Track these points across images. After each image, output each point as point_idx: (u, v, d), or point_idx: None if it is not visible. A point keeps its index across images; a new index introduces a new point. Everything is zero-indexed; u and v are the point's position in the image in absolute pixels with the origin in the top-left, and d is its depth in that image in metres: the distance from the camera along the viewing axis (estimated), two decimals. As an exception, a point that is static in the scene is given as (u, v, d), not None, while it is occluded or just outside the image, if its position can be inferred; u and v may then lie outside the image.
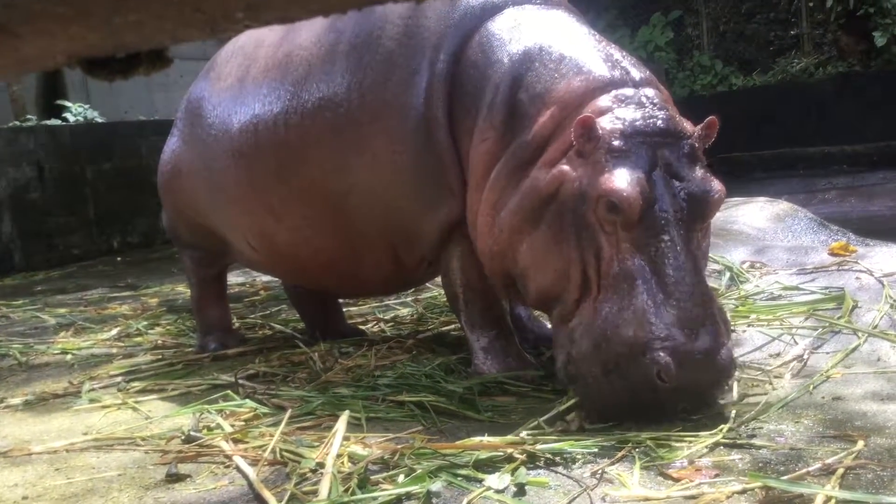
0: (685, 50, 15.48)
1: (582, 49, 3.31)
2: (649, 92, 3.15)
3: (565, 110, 3.15)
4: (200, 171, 4.34)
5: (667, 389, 2.78)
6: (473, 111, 3.39)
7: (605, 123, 3.00)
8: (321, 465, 2.68)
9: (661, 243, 2.90)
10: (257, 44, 4.18)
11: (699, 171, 3.03)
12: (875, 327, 3.69)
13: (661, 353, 2.76)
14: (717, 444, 2.67)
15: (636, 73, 3.23)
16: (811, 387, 3.14)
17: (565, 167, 3.05)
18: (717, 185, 3.04)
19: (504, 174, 3.24)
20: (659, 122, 3.03)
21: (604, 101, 3.10)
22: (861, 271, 4.47)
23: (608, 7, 14.93)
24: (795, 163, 12.40)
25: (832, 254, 4.95)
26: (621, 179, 2.89)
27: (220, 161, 4.17)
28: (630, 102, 3.08)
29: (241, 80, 4.16)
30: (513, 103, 3.28)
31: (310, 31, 3.92)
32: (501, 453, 2.64)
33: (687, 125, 3.10)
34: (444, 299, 5.06)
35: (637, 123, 3.01)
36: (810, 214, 5.63)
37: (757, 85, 14.00)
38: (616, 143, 2.97)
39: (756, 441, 2.67)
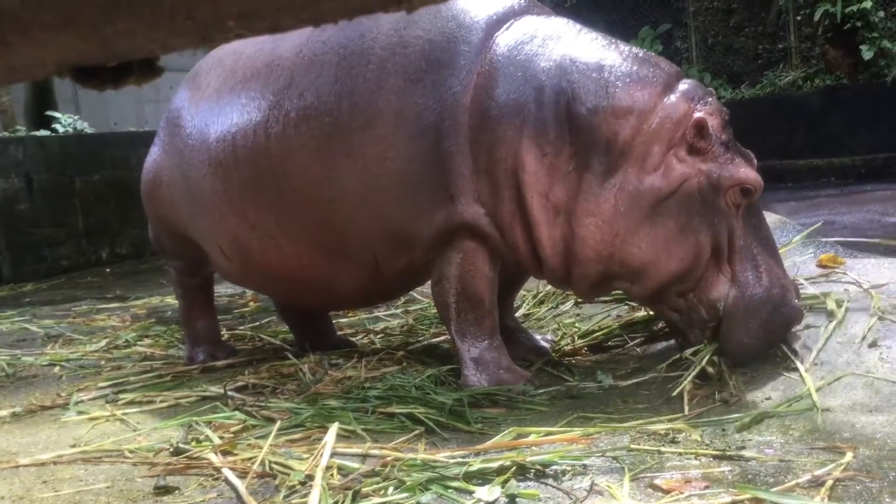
0: (674, 63, 15.56)
1: (609, 54, 3.56)
2: (694, 83, 3.56)
3: (641, 117, 3.41)
4: (178, 180, 4.35)
5: (796, 323, 3.49)
6: (517, 122, 3.50)
7: (709, 120, 3.39)
8: (310, 477, 2.67)
9: (756, 214, 3.50)
10: (236, 55, 4.19)
11: (741, 148, 3.51)
12: (863, 339, 3.70)
13: (793, 300, 3.43)
14: (706, 456, 2.68)
15: (672, 69, 3.60)
16: (800, 398, 3.15)
17: (681, 166, 3.38)
18: (750, 153, 3.53)
19: (596, 183, 3.44)
20: (724, 109, 3.49)
21: (676, 101, 3.43)
22: (849, 283, 4.48)
23: (596, 20, 14.98)
24: (784, 175, 12.45)
25: (820, 265, 4.96)
26: (747, 168, 3.41)
27: (197, 170, 4.17)
28: (699, 98, 3.46)
29: (218, 90, 4.17)
30: (566, 116, 3.46)
31: (290, 42, 3.94)
32: (492, 466, 2.64)
33: None
34: (434, 311, 5.05)
35: (722, 115, 3.45)
36: (799, 226, 5.64)
37: (745, 98, 14.06)
38: (724, 136, 3.42)
39: (745, 452, 2.68)
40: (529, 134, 3.48)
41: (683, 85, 3.50)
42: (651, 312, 4.03)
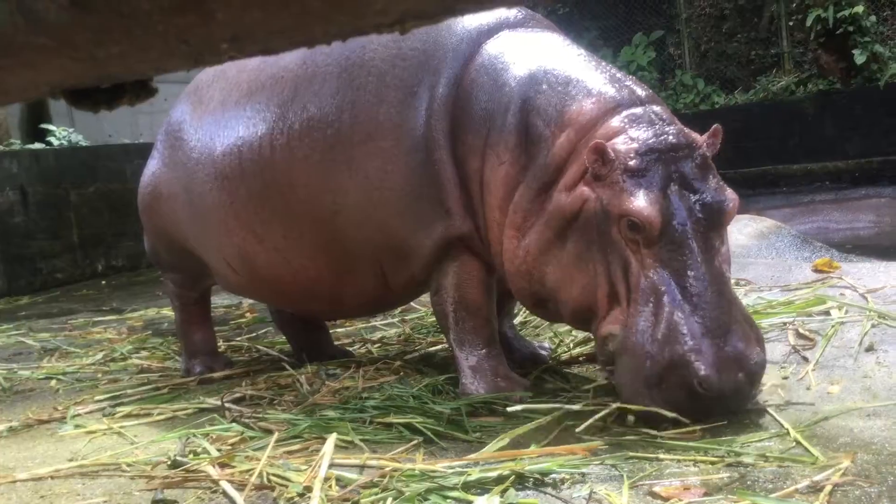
0: (667, 69, 15.59)
1: (585, 71, 3.44)
2: (657, 109, 3.29)
3: (580, 132, 3.26)
4: (180, 193, 4.34)
5: (709, 396, 2.90)
6: (484, 131, 3.47)
7: (620, 145, 3.13)
8: (308, 488, 2.66)
9: (682, 256, 3.03)
10: (240, 68, 4.20)
11: (712, 182, 3.17)
12: (860, 343, 3.71)
13: (699, 365, 2.88)
14: (705, 462, 2.68)
15: (640, 91, 3.37)
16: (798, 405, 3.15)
17: (585, 189, 3.18)
18: (730, 194, 3.17)
19: (527, 197, 3.34)
20: (670, 137, 3.14)
21: (616, 121, 3.22)
22: (845, 287, 4.49)
23: (589, 27, 15.05)
24: (778, 180, 12.48)
25: (816, 270, 4.97)
26: (640, 199, 3.03)
27: (202, 184, 4.17)
28: (641, 121, 3.20)
29: (223, 103, 4.17)
30: (525, 126, 3.38)
31: (294, 55, 3.94)
32: (490, 475, 2.64)
33: (696, 136, 3.23)
34: (432, 319, 5.06)
35: (650, 141, 3.12)
36: (793, 231, 5.67)
37: (739, 103, 14.09)
38: (632, 163, 3.09)
39: (744, 459, 2.68)
40: (491, 143, 3.45)
41: (638, 108, 3.25)
42: None
